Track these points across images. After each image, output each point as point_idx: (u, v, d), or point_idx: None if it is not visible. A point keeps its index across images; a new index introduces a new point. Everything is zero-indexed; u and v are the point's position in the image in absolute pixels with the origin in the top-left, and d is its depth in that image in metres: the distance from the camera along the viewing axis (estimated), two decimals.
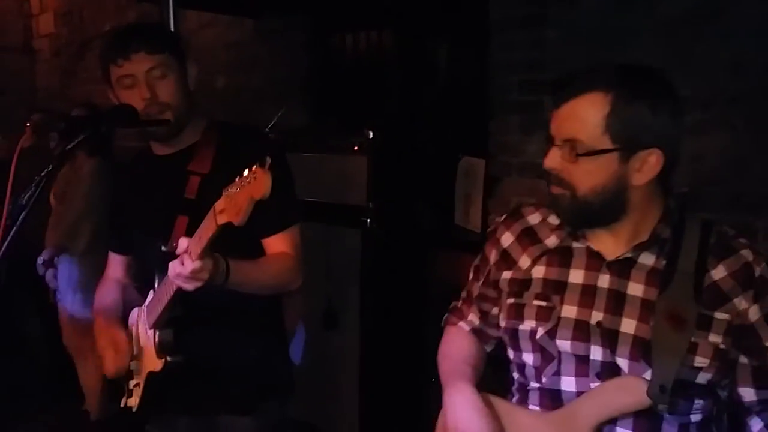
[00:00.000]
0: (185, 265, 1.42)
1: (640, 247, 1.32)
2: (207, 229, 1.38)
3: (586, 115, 1.26)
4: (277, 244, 1.77)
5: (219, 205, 1.34)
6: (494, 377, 1.54)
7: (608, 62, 1.33)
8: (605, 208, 1.30)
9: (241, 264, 1.60)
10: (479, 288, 1.53)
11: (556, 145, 1.30)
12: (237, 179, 1.31)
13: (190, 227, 1.68)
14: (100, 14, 5.42)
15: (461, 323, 1.58)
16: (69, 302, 3.53)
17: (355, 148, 2.97)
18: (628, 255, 1.33)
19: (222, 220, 1.33)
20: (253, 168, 1.27)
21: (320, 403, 3.09)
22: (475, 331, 1.55)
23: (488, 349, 1.56)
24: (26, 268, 3.56)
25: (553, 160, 1.30)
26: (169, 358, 1.68)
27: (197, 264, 1.41)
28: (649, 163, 1.26)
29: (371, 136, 2.93)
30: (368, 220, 2.93)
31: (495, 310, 1.48)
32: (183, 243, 1.45)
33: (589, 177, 1.27)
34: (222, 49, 4.35)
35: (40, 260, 3.55)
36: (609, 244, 1.35)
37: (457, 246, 3.18)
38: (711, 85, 2.31)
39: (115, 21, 5.14)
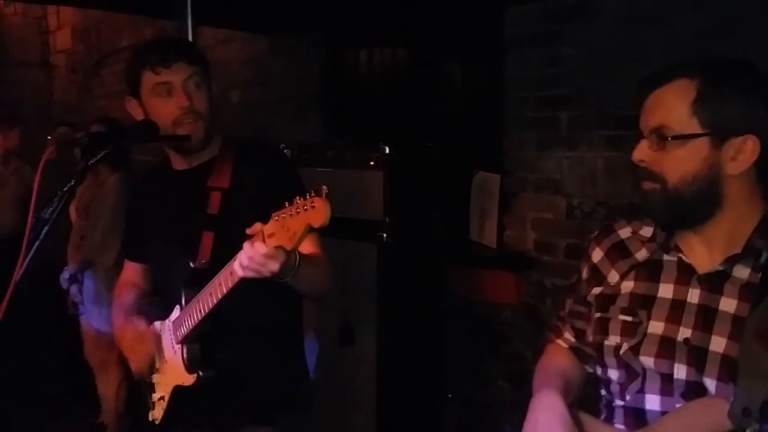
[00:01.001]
0: (256, 248, 1.37)
1: (734, 259, 1.25)
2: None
3: (672, 102, 1.22)
4: (306, 246, 1.73)
5: (268, 229, 1.34)
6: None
7: (624, 78, 1.32)
8: (698, 200, 1.23)
9: (308, 259, 1.59)
10: (571, 305, 1.50)
11: (644, 137, 1.26)
12: (287, 205, 1.31)
13: (216, 242, 1.71)
14: (117, 31, 5.49)
15: (558, 340, 1.54)
16: (95, 317, 3.54)
17: (371, 163, 2.98)
18: (721, 268, 1.26)
19: (272, 243, 1.33)
20: (310, 197, 1.28)
21: (337, 418, 3.08)
22: (573, 349, 1.51)
23: (590, 369, 1.48)
24: (43, 282, 3.57)
25: (642, 151, 1.26)
26: (201, 373, 1.68)
27: (270, 249, 1.36)
28: (744, 152, 1.20)
29: (387, 152, 2.93)
30: (384, 235, 2.93)
31: (587, 327, 1.44)
32: (257, 226, 1.40)
33: (679, 164, 1.22)
34: (237, 64, 4.40)
35: (65, 275, 3.55)
36: (702, 255, 1.29)
37: (472, 261, 3.19)
38: None
39: (132, 38, 5.20)
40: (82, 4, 5.04)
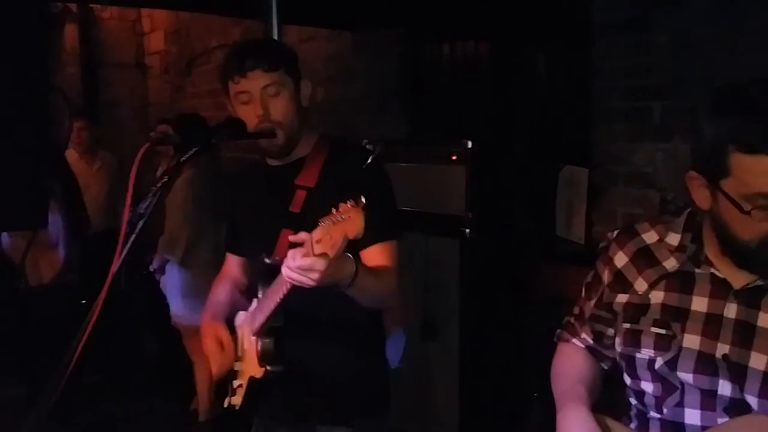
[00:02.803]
0: (295, 259, 1.39)
1: None
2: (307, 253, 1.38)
3: None
4: (375, 256, 1.74)
5: (316, 235, 1.34)
6: (607, 395, 1.46)
7: (722, 65, 1.21)
8: None
9: (368, 271, 1.58)
10: (592, 309, 1.45)
11: None
12: (333, 211, 1.31)
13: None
14: (207, 32, 5.67)
15: (575, 340, 1.51)
16: (175, 307, 3.68)
17: (454, 157, 2.95)
18: (759, 283, 1.21)
19: (318, 250, 1.33)
20: (348, 206, 1.28)
21: (419, 414, 3.08)
22: (590, 349, 1.48)
23: (605, 366, 1.47)
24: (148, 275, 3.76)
25: None
26: (269, 368, 1.70)
27: (307, 261, 1.36)
28: None
29: (470, 146, 2.90)
30: (467, 230, 2.90)
31: (610, 332, 1.41)
32: (302, 235, 1.41)
33: None
34: (321, 61, 4.45)
35: (151, 268, 3.72)
36: (734, 269, 1.24)
37: (558, 257, 3.11)
38: None
39: (221, 38, 5.36)
40: (173, 6, 5.24)
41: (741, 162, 1.13)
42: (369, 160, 1.81)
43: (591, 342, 1.47)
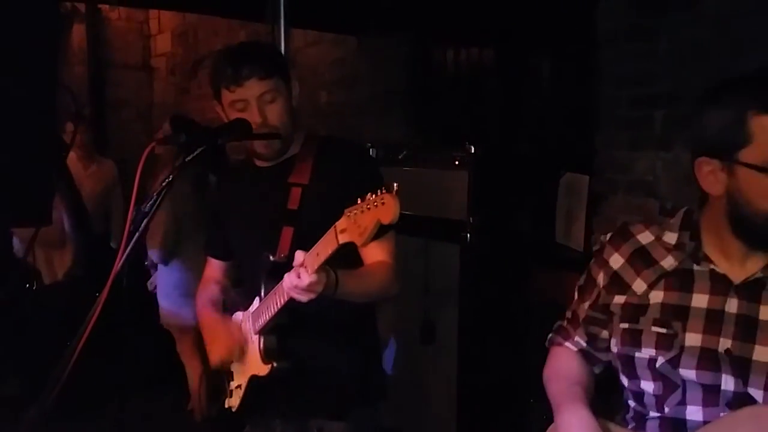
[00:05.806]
0: (302, 279, 1.44)
1: None
2: (327, 245, 1.40)
3: None
4: (374, 252, 1.77)
5: (340, 224, 1.36)
6: (599, 399, 1.46)
7: (726, 75, 1.24)
8: None
9: (349, 275, 1.61)
10: (586, 311, 1.45)
11: None
12: (359, 201, 1.33)
13: (296, 237, 1.74)
14: (213, 34, 5.70)
15: (567, 343, 1.51)
16: (163, 306, 3.65)
17: (456, 162, 2.97)
18: (759, 276, 1.23)
19: (344, 239, 1.35)
20: (380, 193, 1.29)
21: (416, 416, 3.09)
22: (583, 353, 1.48)
23: (597, 371, 1.48)
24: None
25: None
26: (275, 364, 1.72)
27: (314, 277, 1.44)
28: None
29: (472, 151, 2.92)
30: (468, 235, 2.92)
31: (604, 334, 1.41)
32: (299, 256, 1.47)
33: None
34: (326, 65, 4.48)
35: (146, 264, 3.72)
36: (735, 265, 1.26)
37: (558, 263, 3.12)
38: None
39: (228, 41, 5.38)
40: (181, 8, 5.27)
41: (763, 123, 1.16)
42: (362, 157, 1.83)
43: (584, 345, 1.47)
